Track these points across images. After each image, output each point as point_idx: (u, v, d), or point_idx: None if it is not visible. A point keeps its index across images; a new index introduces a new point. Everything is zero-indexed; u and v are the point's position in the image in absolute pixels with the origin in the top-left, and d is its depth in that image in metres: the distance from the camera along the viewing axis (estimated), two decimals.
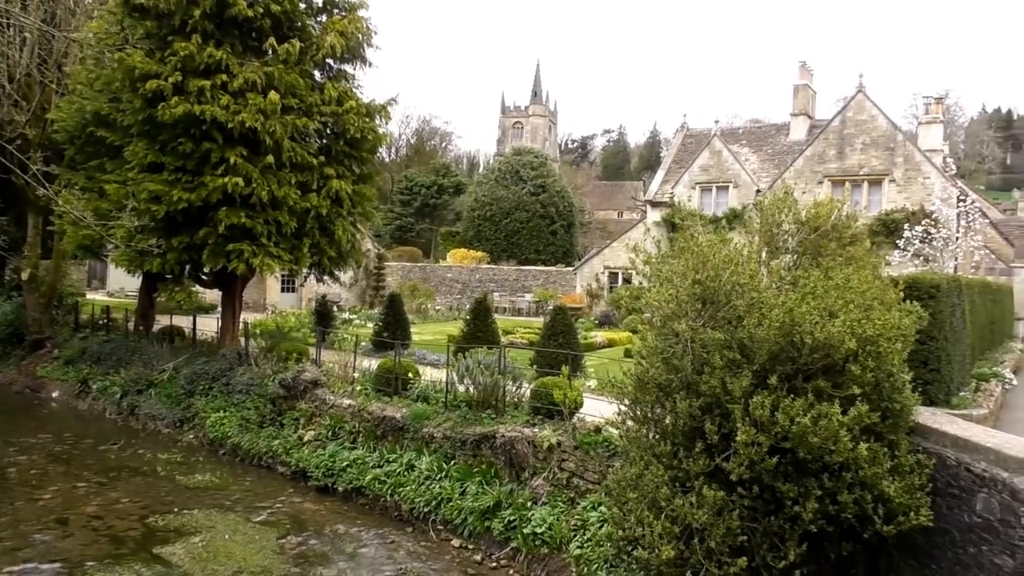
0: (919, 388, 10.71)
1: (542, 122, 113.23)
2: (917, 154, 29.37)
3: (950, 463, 7.70)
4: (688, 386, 7.94)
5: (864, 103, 30.49)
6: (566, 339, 17.24)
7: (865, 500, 7.22)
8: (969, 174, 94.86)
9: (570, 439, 11.93)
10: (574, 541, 10.62)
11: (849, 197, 12.73)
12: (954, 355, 13.54)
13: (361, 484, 13.66)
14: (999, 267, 32.00)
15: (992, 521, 6.98)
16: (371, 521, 12.86)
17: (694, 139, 39.35)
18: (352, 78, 20.85)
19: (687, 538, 7.48)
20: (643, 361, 8.52)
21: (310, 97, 18.81)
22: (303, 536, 12.03)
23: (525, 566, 10.95)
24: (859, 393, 7.32)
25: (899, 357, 7.90)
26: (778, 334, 7.53)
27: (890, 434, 7.70)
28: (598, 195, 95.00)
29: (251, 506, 13.29)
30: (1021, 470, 6.71)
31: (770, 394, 7.35)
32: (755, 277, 8.34)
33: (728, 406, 7.50)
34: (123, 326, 25.24)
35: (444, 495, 12.47)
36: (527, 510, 11.51)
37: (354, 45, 19.83)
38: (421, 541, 12.03)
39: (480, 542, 11.70)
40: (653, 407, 8.47)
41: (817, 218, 9.48)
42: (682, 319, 8.08)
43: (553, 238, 59.67)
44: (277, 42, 18.21)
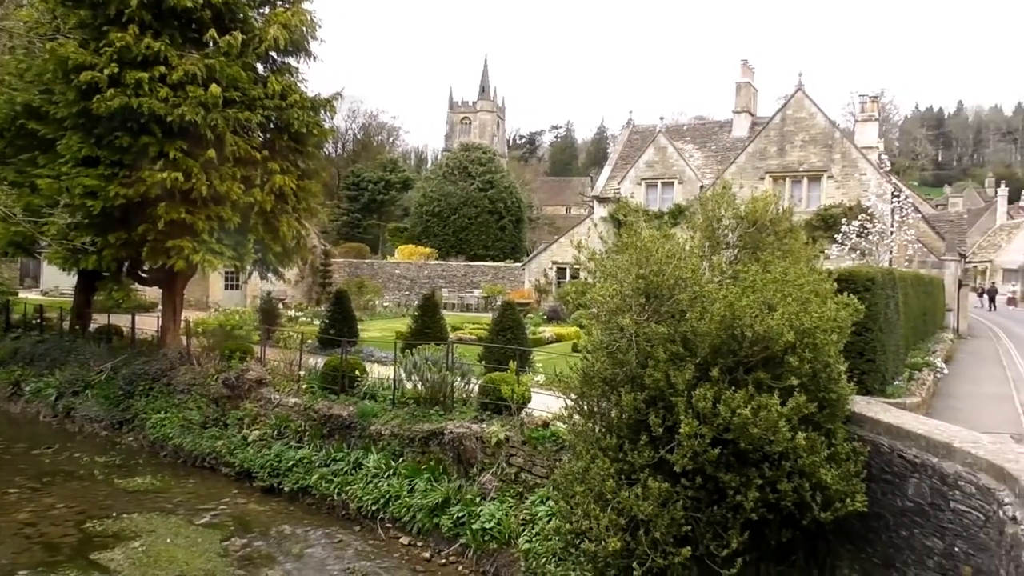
0: (855, 378, 11.05)
1: (490, 118, 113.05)
2: (854, 151, 30.21)
3: (884, 450, 7.97)
4: (633, 380, 8.04)
5: (803, 101, 31.23)
6: (514, 335, 17.28)
7: (804, 488, 7.42)
8: (903, 170, 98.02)
9: (518, 434, 11.98)
10: (523, 535, 10.67)
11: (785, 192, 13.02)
12: (889, 346, 13.98)
13: (308, 484, 13.49)
14: (931, 260, 33.15)
15: (923, 505, 7.25)
16: (318, 521, 12.72)
17: (640, 136, 39.79)
18: (296, 72, 20.50)
19: (633, 529, 7.58)
20: (589, 356, 8.60)
21: (253, 90, 18.42)
22: (248, 538, 11.83)
23: (474, 562, 10.97)
24: (797, 384, 7.51)
25: (835, 348, 8.13)
26: (719, 327, 7.68)
27: (827, 423, 7.93)
28: (546, 191, 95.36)
29: (194, 508, 13.01)
30: (950, 456, 6.97)
31: (712, 386, 7.49)
32: (697, 271, 8.48)
33: (672, 399, 7.62)
34: (58, 326, 24.42)
35: (392, 493, 12.40)
36: (476, 506, 11.52)
37: (298, 38, 19.49)
38: (369, 540, 11.94)
39: (429, 539, 11.67)
40: (599, 401, 8.56)
41: (755, 213, 9.69)
42: (626, 314, 8.18)
43: (502, 234, 59.68)
44: (218, 34, 17.78)
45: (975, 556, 6.42)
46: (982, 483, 6.33)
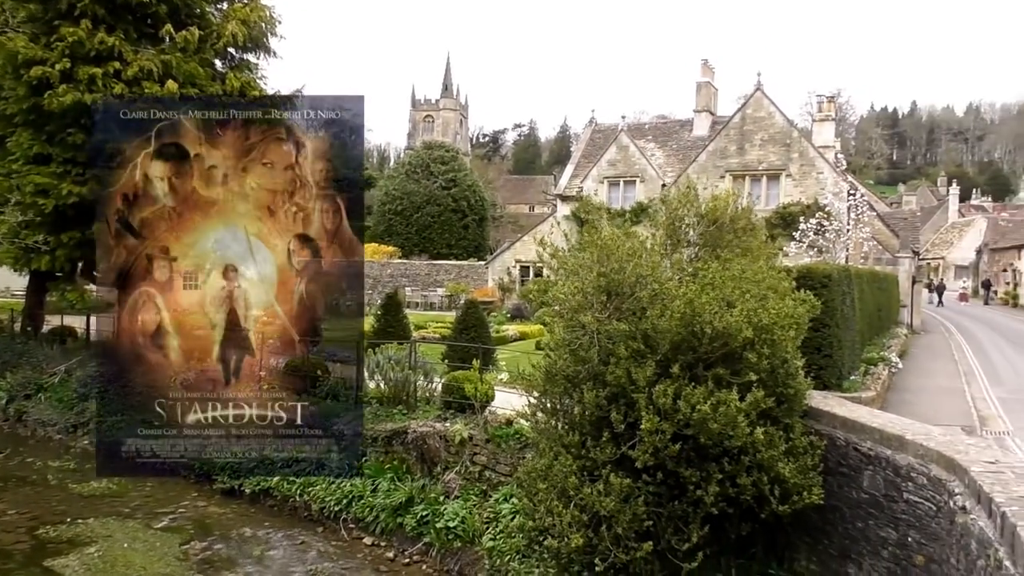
0: (813, 373, 11.25)
1: (453, 116, 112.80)
2: (811, 150, 30.76)
3: (840, 443, 8.13)
4: (595, 377, 8.09)
5: (762, 101, 31.70)
6: (478, 333, 17.28)
7: (762, 482, 7.54)
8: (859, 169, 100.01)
9: (482, 432, 11.98)
10: (487, 534, 10.67)
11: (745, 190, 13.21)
12: (845, 341, 14.27)
13: (269, 485, 13.31)
14: (886, 257, 33.88)
15: (877, 496, 7.41)
16: (280, 523, 12.57)
17: (602, 134, 40.03)
18: (256, 68, 20.27)
19: (595, 525, 7.63)
20: (551, 353, 8.63)
21: (211, 87, 18.16)
22: (208, 541, 11.64)
23: (438, 561, 10.94)
24: (755, 379, 7.63)
25: (793, 344, 8.27)
26: (680, 324, 7.76)
27: (785, 418, 8.06)
28: (510, 189, 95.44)
29: (152, 512, 12.76)
30: (903, 448, 7.13)
31: (673, 383, 7.57)
32: (657, 269, 8.56)
33: (633, 395, 7.69)
34: (8, 327, 23.75)
35: (355, 493, 12.31)
36: (440, 505, 11.50)
37: (257, 34, 19.26)
38: (332, 541, 11.84)
39: (393, 539, 11.61)
40: (562, 398, 8.59)
41: (715, 211, 9.82)
42: (588, 311, 8.22)
43: (465, 232, 59.60)
44: (174, 29, 17.50)
45: (927, 545, 6.58)
46: (933, 474, 6.49)
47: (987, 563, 4.79)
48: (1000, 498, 4.88)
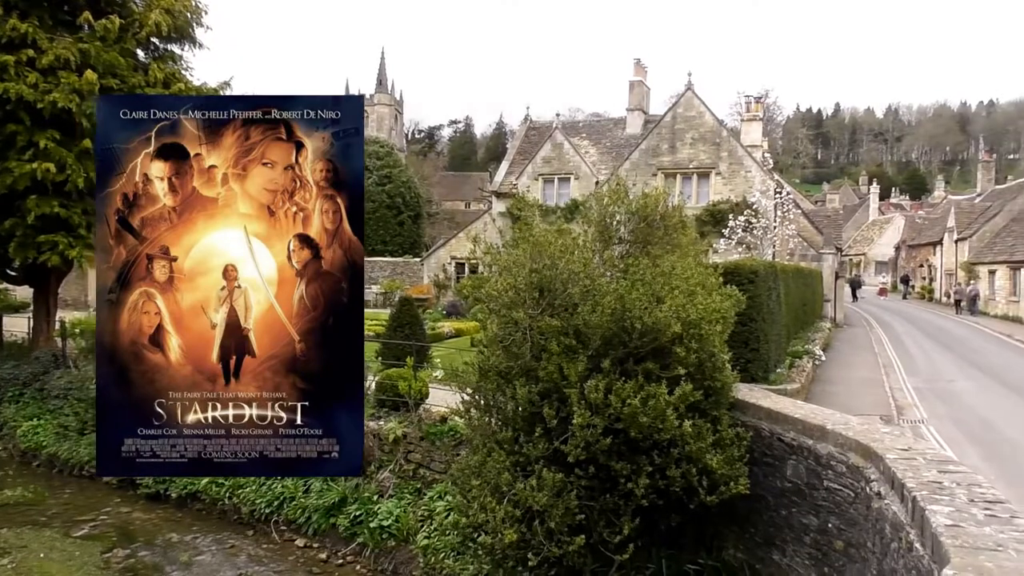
0: (740, 366, 11.57)
1: (387, 111, 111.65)
2: (740, 149, 31.54)
3: (765, 434, 8.36)
4: (527, 372, 8.12)
5: (693, 100, 32.34)
6: (412, 330, 17.16)
7: (691, 473, 7.69)
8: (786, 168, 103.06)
9: (416, 430, 11.91)
10: (421, 532, 10.62)
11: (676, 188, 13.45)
12: (771, 335, 14.71)
13: (197, 488, 12.96)
14: (810, 253, 35.01)
15: (800, 485, 7.66)
16: (208, 527, 12.25)
17: (537, 131, 40.20)
18: (181, 59, 19.61)
19: (529, 521, 7.66)
20: (485, 350, 8.63)
21: (133, 78, 17.50)
22: (131, 548, 11.26)
23: (372, 560, 10.84)
24: (684, 373, 7.78)
25: (720, 339, 8.46)
26: (610, 320, 7.85)
27: (713, 410, 8.25)
28: (445, 186, 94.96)
29: (71, 520, 12.28)
30: (823, 438, 7.38)
31: (604, 377, 7.66)
32: (589, 265, 8.63)
33: (565, 391, 7.75)
34: None
35: (287, 494, 12.09)
36: (373, 504, 11.39)
37: (182, 24, 18.65)
38: (263, 544, 11.60)
39: (326, 540, 11.45)
40: (495, 395, 8.60)
41: (646, 208, 9.96)
42: (521, 308, 8.25)
43: (400, 229, 59.07)
44: (93, 17, 16.81)
45: (846, 531, 6.83)
46: (852, 462, 6.73)
47: (899, 546, 5.00)
48: (911, 483, 5.09)
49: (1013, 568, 3.54)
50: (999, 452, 12.41)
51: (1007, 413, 15.53)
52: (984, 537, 4.00)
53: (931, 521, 4.31)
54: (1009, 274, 38.10)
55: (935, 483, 5.08)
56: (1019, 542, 3.92)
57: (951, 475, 5.31)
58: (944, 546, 3.91)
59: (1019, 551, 3.79)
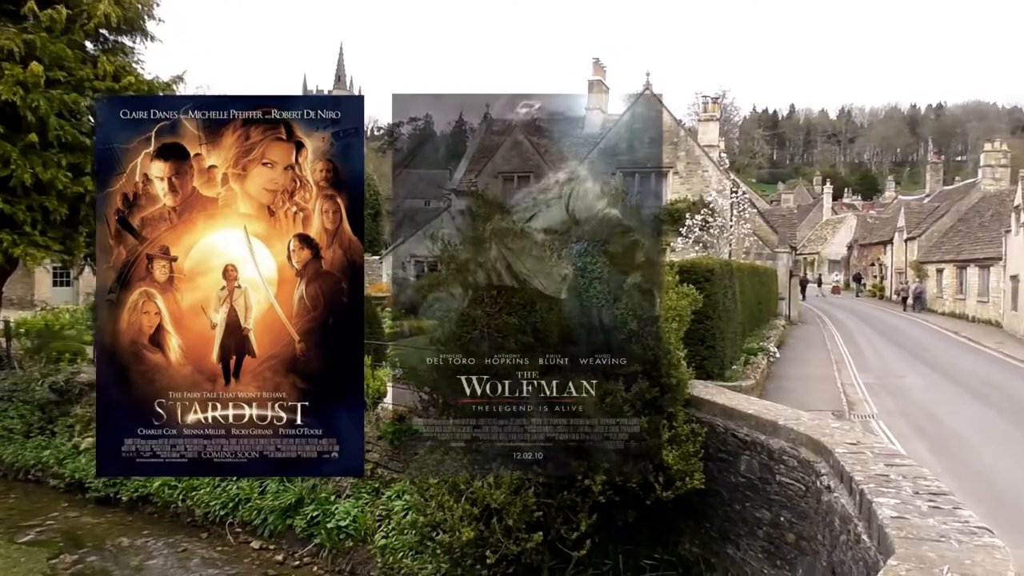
0: (696, 363, 11.68)
1: None
2: (697, 149, 31.91)
3: (719, 430, 8.47)
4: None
5: (651, 100, 32.61)
6: (370, 328, 17.02)
7: (647, 470, 7.76)
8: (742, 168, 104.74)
9: (374, 430, 11.82)
10: (379, 531, 10.55)
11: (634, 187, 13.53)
12: (727, 332, 14.91)
13: (149, 491, 12.69)
14: (766, 252, 35.59)
15: (753, 480, 7.78)
16: (160, 530, 12.00)
17: (497, 130, 40.18)
18: (132, 52, 19.15)
19: (487, 518, 7.66)
20: (443, 348, 8.59)
21: (81, 71, 17.04)
22: (79, 553, 10.99)
23: (330, 561, 10.73)
24: (640, 370, 7.85)
25: (676, 336, 8.56)
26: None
27: (669, 407, 8.32)
28: (405, 183, 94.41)
29: (16, 526, 11.93)
30: (776, 433, 7.51)
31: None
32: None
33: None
34: None
35: (242, 496, 11.90)
36: (331, 504, 11.28)
37: (133, 16, 18.21)
38: (217, 546, 11.41)
39: (282, 541, 11.31)
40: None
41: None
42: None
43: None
44: (39, 7, 16.32)
45: (798, 524, 6.96)
46: (803, 457, 6.86)
47: (848, 538, 5.10)
48: (859, 477, 5.20)
49: (953, 557, 3.64)
50: (946, 446, 12.76)
51: (953, 408, 15.98)
52: (928, 528, 4.11)
53: (878, 513, 4.40)
54: (956, 273, 39.21)
55: (882, 476, 5.20)
56: (961, 532, 4.03)
57: (898, 468, 5.43)
58: (889, 537, 4.00)
59: (960, 541, 3.89)
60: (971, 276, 37.03)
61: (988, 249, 35.19)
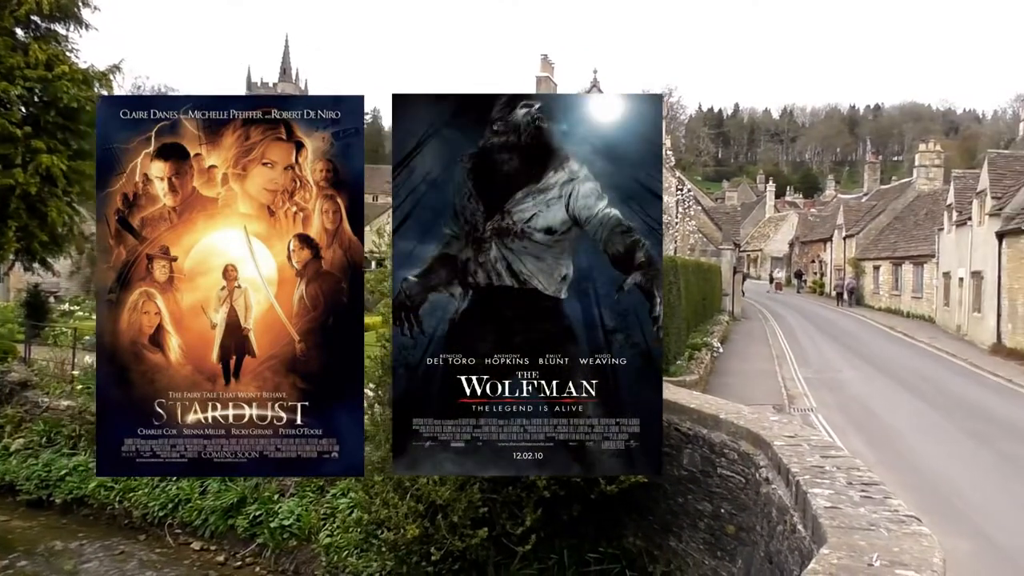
0: None
1: None
2: None
3: (663, 424, 8.58)
4: None
5: None
6: None
7: None
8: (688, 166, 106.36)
9: None
10: (324, 530, 10.41)
11: None
12: (671, 328, 15.14)
13: (84, 493, 12.32)
14: (710, 249, 36.26)
15: (695, 473, 7.91)
16: (96, 533, 11.66)
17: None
18: (66, 40, 18.48)
19: (432, 515, 7.64)
20: (387, 344, 8.53)
21: (11, 59, 16.38)
22: (10, 559, 10.59)
23: (272, 561, 10.57)
24: None
25: None
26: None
27: None
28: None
29: None
30: (717, 427, 7.65)
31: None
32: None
33: None
34: None
35: (182, 496, 11.62)
36: (274, 503, 11.09)
37: (66, 2, 17.58)
38: (156, 548, 11.13)
39: (224, 542, 11.08)
40: None
41: None
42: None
43: None
44: None
45: (738, 515, 7.11)
46: (743, 450, 7.00)
47: (784, 528, 5.23)
48: (796, 468, 5.33)
49: (883, 545, 3.75)
50: (880, 437, 13.19)
51: (888, 401, 16.53)
52: (859, 517, 4.23)
53: (812, 504, 4.52)
54: (891, 269, 40.52)
55: (817, 468, 5.34)
56: (891, 521, 4.16)
57: (833, 460, 5.58)
58: (823, 527, 4.11)
59: (890, 530, 4.02)
60: (906, 273, 38.30)
61: (922, 247, 36.42)
